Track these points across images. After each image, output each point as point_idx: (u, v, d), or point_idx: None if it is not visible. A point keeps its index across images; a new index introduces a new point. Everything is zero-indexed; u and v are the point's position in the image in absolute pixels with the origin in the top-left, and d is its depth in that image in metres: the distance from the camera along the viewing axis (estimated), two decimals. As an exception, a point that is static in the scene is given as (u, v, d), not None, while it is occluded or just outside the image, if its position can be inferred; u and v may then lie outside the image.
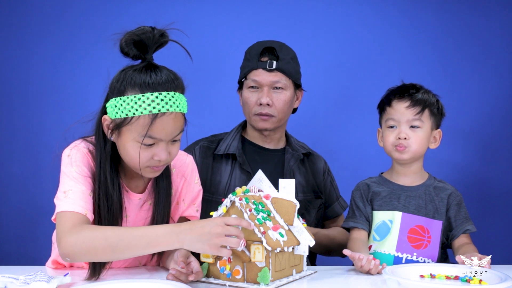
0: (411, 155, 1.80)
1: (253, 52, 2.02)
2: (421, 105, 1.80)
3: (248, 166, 2.03)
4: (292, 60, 2.03)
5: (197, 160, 2.05)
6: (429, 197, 1.81)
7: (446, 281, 1.48)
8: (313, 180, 2.12)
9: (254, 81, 2.00)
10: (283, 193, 1.52)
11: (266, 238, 1.38)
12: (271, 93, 2.00)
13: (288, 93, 2.02)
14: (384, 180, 1.87)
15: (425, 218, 1.77)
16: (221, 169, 2.05)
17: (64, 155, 1.53)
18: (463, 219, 1.81)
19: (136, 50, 1.48)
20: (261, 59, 2.00)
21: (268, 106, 2.00)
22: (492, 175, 2.73)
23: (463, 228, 1.79)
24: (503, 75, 2.72)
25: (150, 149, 1.45)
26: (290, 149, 2.11)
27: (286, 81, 2.01)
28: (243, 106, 2.08)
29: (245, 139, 2.12)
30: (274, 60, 1.99)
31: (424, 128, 1.80)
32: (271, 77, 1.99)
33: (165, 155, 1.46)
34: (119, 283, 1.38)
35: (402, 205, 1.80)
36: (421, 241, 1.75)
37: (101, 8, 2.67)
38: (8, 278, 1.37)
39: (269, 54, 2.01)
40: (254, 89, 2.02)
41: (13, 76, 2.66)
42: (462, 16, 2.72)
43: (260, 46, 2.03)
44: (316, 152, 2.22)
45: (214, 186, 2.03)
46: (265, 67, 1.99)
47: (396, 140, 1.79)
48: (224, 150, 2.06)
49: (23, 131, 2.63)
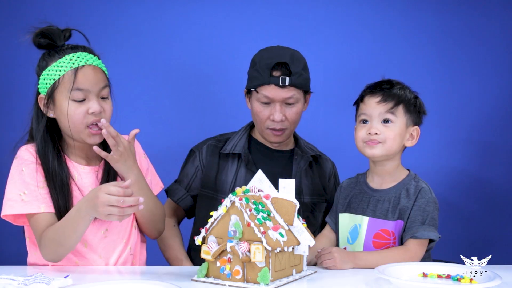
0: (384, 151, 1.74)
1: (264, 64, 1.94)
2: (393, 100, 1.74)
3: (254, 166, 2.02)
4: (303, 71, 1.98)
5: (203, 158, 2.05)
6: (397, 200, 1.75)
7: (437, 280, 1.48)
8: (320, 183, 2.11)
9: (266, 97, 1.95)
10: (283, 193, 1.52)
11: (266, 238, 1.38)
12: (284, 108, 1.96)
13: (300, 105, 2.00)
14: (358, 181, 1.87)
15: (391, 222, 1.73)
16: (227, 168, 2.04)
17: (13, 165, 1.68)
18: (418, 223, 1.69)
19: (45, 40, 1.66)
20: (273, 73, 1.93)
21: (281, 121, 1.97)
22: (492, 175, 2.73)
23: (414, 232, 1.68)
24: (503, 75, 2.72)
25: (82, 105, 1.61)
26: (299, 151, 2.09)
27: (299, 94, 1.97)
28: (253, 116, 2.04)
29: (253, 138, 2.11)
30: (287, 76, 1.92)
31: (398, 123, 1.74)
32: (284, 93, 1.94)
33: (97, 106, 1.61)
34: (119, 283, 1.38)
35: (370, 209, 1.77)
36: (386, 245, 1.72)
37: (102, 8, 2.67)
38: (5, 279, 1.37)
39: (281, 68, 1.93)
40: (265, 104, 1.97)
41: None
42: (462, 16, 2.72)
43: (271, 58, 1.94)
44: (324, 155, 2.20)
45: (219, 185, 2.03)
46: (278, 83, 1.92)
47: (367, 136, 1.74)
48: (230, 149, 2.05)
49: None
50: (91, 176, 1.70)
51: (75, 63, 1.61)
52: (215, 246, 1.44)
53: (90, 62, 1.63)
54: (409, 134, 1.78)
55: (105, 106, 1.66)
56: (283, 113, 1.96)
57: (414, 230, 1.68)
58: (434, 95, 2.68)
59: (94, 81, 1.63)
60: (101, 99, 1.65)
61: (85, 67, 1.62)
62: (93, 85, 1.62)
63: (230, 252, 1.43)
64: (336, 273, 1.61)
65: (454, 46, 2.72)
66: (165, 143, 2.66)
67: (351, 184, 1.89)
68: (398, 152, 1.79)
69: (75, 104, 1.61)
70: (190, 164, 2.10)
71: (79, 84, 1.60)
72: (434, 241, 1.72)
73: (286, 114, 1.97)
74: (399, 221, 1.72)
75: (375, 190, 1.81)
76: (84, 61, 1.62)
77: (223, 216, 1.45)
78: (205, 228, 1.48)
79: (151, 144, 2.65)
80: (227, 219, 1.45)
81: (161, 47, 2.69)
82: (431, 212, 1.71)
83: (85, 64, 1.62)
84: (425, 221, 1.69)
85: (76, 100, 1.61)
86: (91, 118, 1.62)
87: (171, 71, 2.70)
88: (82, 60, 1.62)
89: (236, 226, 1.42)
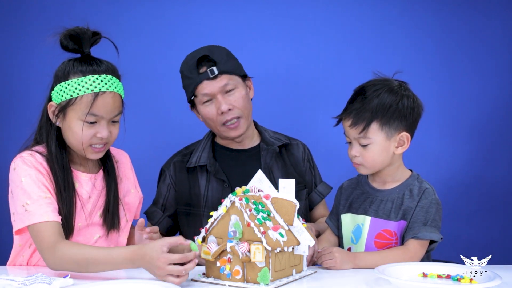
0: (369, 170, 1.76)
1: (188, 67, 1.97)
2: (364, 121, 1.69)
3: (223, 174, 2.01)
4: (228, 57, 1.98)
5: (173, 176, 2.06)
6: (400, 200, 1.74)
7: (437, 280, 1.48)
8: (294, 171, 2.09)
9: (205, 95, 1.95)
10: (283, 193, 1.52)
11: (266, 238, 1.38)
12: (226, 97, 1.96)
13: (242, 89, 1.99)
14: (360, 181, 1.86)
15: (394, 222, 1.72)
16: (198, 181, 2.03)
17: (11, 169, 1.64)
18: (420, 224, 1.69)
19: (73, 44, 1.65)
20: (199, 71, 1.95)
21: (230, 110, 1.95)
22: (492, 175, 2.73)
23: (415, 233, 1.67)
24: (503, 75, 2.72)
25: (92, 127, 1.61)
26: (264, 145, 2.07)
27: (234, 79, 1.97)
28: (206, 122, 2.03)
29: (217, 144, 2.10)
30: (213, 66, 1.94)
31: (376, 142, 1.70)
32: (218, 83, 1.94)
33: (106, 132, 1.62)
34: (119, 283, 1.38)
35: (372, 209, 1.77)
36: (388, 245, 1.71)
37: (103, 9, 2.67)
38: (5, 280, 1.37)
39: (205, 62, 1.95)
40: (208, 102, 1.97)
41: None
42: (463, 16, 2.72)
43: (192, 59, 1.96)
44: (295, 139, 2.17)
45: (193, 199, 2.02)
46: (208, 76, 1.93)
47: (351, 157, 1.75)
48: (195, 162, 2.03)
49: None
50: (90, 184, 1.72)
51: (96, 88, 1.59)
52: (215, 246, 1.44)
53: (111, 89, 1.62)
54: (397, 142, 1.73)
55: (113, 129, 1.66)
56: (227, 103, 1.95)
57: (415, 231, 1.68)
58: (434, 95, 2.68)
59: (111, 110, 1.62)
60: (111, 123, 1.65)
61: (106, 94, 1.60)
62: (109, 113, 1.62)
63: (230, 252, 1.43)
64: (336, 273, 1.61)
65: (454, 46, 2.72)
66: (165, 141, 2.65)
67: (351, 185, 1.89)
68: (392, 160, 1.75)
69: (85, 125, 1.60)
70: (162, 183, 2.09)
71: (95, 110, 1.59)
72: (436, 243, 1.72)
73: (232, 102, 1.96)
74: (402, 222, 1.72)
75: (378, 190, 1.80)
76: (106, 87, 1.61)
77: (223, 216, 1.45)
78: (205, 228, 1.48)
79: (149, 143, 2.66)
80: (227, 219, 1.45)
81: (161, 47, 2.70)
82: (433, 213, 1.70)
83: (106, 90, 1.60)
84: (427, 222, 1.69)
85: (88, 122, 1.60)
86: (97, 140, 1.63)
87: (171, 71, 2.69)
88: (104, 86, 1.60)
89: (236, 226, 1.42)
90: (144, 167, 2.16)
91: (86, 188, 1.70)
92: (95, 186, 1.72)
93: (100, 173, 1.76)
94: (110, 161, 1.78)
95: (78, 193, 1.68)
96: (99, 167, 1.77)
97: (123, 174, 1.84)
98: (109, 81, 1.62)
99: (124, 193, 1.81)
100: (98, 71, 1.61)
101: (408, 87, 1.79)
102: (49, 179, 1.62)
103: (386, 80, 1.78)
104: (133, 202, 1.83)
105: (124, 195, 1.81)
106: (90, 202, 1.70)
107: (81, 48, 1.65)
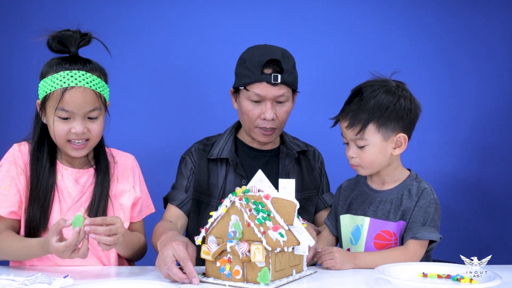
0: (367, 171, 1.76)
1: (255, 62, 1.91)
2: (360, 123, 1.69)
3: (242, 170, 2.02)
4: (293, 69, 1.96)
5: (195, 161, 2.05)
6: (399, 201, 1.74)
7: (437, 280, 1.48)
8: (309, 177, 2.10)
9: (257, 95, 1.92)
10: (283, 193, 1.52)
11: (266, 238, 1.38)
12: (275, 106, 1.94)
13: (290, 104, 1.99)
14: (359, 182, 1.86)
15: (393, 223, 1.72)
16: (216, 172, 2.03)
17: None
18: (419, 224, 1.69)
19: (59, 45, 1.69)
20: (264, 71, 1.90)
21: (272, 120, 1.94)
22: (492, 176, 2.73)
23: (414, 233, 1.67)
24: (503, 75, 2.72)
25: (66, 123, 1.64)
26: (285, 149, 2.08)
27: (289, 92, 1.96)
28: (242, 115, 2.01)
29: (239, 140, 2.10)
30: (278, 73, 1.90)
31: (372, 143, 1.70)
32: (276, 91, 1.92)
33: (80, 128, 1.64)
34: (119, 283, 1.38)
35: (371, 210, 1.77)
36: (387, 246, 1.71)
37: (103, 9, 2.67)
38: (5, 280, 1.37)
39: (273, 65, 1.90)
40: (256, 102, 1.95)
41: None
42: (463, 16, 2.72)
43: (262, 56, 1.91)
44: (311, 147, 2.18)
45: (209, 189, 2.02)
46: (270, 80, 1.89)
47: (349, 158, 1.76)
48: (217, 154, 2.03)
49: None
50: (71, 179, 1.75)
51: (65, 83, 1.62)
52: (215, 246, 1.44)
53: (81, 84, 1.63)
54: (394, 143, 1.73)
55: (92, 126, 1.68)
56: (274, 112, 1.94)
57: (415, 231, 1.68)
58: (434, 95, 2.69)
59: (81, 104, 1.63)
60: (88, 119, 1.67)
61: (74, 89, 1.62)
62: (79, 108, 1.63)
63: (230, 252, 1.43)
64: (336, 273, 1.61)
65: (454, 46, 2.72)
66: (165, 141, 2.66)
67: (350, 185, 1.89)
68: (390, 160, 1.75)
69: (59, 120, 1.64)
70: (184, 168, 2.07)
71: (63, 105, 1.62)
72: (435, 242, 1.72)
73: (276, 113, 1.95)
74: (400, 222, 1.72)
75: (377, 191, 1.80)
76: (75, 82, 1.62)
77: (223, 216, 1.45)
78: (205, 228, 1.48)
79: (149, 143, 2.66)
80: (227, 219, 1.45)
81: (161, 47, 2.69)
82: (432, 213, 1.70)
83: (75, 85, 1.62)
84: (426, 222, 1.69)
85: (61, 117, 1.64)
86: (74, 136, 1.66)
87: (171, 71, 2.70)
88: (73, 81, 1.62)
89: (236, 226, 1.42)
90: (144, 167, 2.16)
91: (67, 182, 1.73)
92: (78, 181, 1.75)
93: (89, 170, 1.78)
94: (104, 160, 1.80)
95: (58, 185, 1.72)
96: (91, 165, 1.79)
97: (121, 175, 1.84)
98: (80, 76, 1.63)
99: (118, 194, 1.81)
100: (71, 68, 1.64)
101: (405, 88, 1.78)
102: (23, 172, 1.69)
103: (384, 80, 1.78)
104: (127, 203, 1.83)
105: (118, 196, 1.81)
106: (70, 196, 1.72)
107: (67, 49, 1.70)
